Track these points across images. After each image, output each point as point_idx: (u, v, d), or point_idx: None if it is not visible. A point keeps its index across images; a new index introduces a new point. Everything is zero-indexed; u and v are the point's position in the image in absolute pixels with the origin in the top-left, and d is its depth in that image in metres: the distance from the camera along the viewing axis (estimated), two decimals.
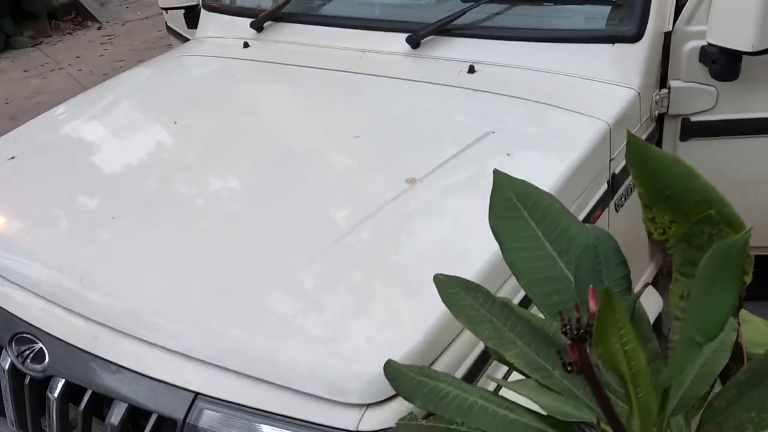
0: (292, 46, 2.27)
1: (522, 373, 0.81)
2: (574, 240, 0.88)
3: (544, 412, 0.79)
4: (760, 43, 1.65)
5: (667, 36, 1.84)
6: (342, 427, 1.10)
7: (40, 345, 1.43)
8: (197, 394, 1.22)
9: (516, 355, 0.82)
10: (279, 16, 2.33)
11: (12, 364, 1.46)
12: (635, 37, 1.79)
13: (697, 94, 1.92)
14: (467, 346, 1.21)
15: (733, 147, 1.96)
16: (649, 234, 0.77)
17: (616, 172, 1.74)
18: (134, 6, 8.55)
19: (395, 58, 2.05)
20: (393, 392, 1.10)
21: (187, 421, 1.21)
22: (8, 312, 1.49)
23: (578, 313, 0.66)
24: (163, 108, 2.05)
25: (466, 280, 0.92)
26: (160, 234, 1.48)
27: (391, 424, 1.10)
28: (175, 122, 1.92)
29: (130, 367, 1.30)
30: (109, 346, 1.34)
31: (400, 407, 1.10)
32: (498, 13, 1.94)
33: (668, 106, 1.94)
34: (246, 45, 2.34)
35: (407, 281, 1.26)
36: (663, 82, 1.91)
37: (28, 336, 1.44)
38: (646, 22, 1.78)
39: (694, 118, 1.95)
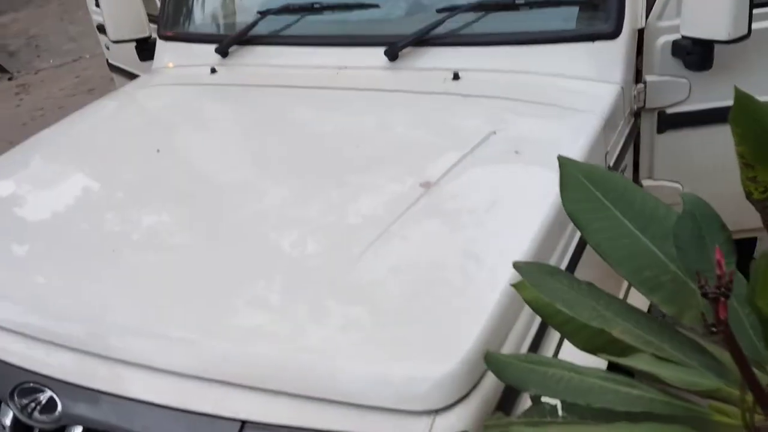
0: (262, 68, 2.22)
1: (632, 349, 0.80)
2: (655, 214, 0.89)
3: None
4: (735, 32, 1.73)
5: (641, 32, 1.91)
6: None
7: (50, 393, 1.31)
8: (244, 422, 1.15)
9: (623, 332, 0.81)
10: (245, 39, 2.28)
11: (15, 419, 1.33)
12: (614, 34, 1.84)
13: (671, 87, 1.99)
14: (520, 336, 1.19)
15: (707, 135, 2.04)
16: (749, 194, 0.78)
17: (611, 164, 1.78)
18: (46, 54, 8.28)
19: (374, 72, 2.04)
20: (461, 395, 1.08)
21: None
22: (6, 363, 1.37)
23: (720, 271, 0.65)
24: (143, 137, 1.95)
25: (545, 265, 0.91)
26: (173, 261, 1.40)
27: (463, 428, 1.06)
28: (158, 150, 1.83)
29: (163, 404, 1.21)
30: (135, 384, 1.24)
31: (469, 410, 1.07)
32: (475, 20, 1.96)
33: (645, 100, 2.00)
34: (213, 71, 2.28)
35: (451, 281, 1.24)
36: (638, 77, 1.97)
37: (34, 386, 1.32)
38: (623, 19, 1.84)
39: (669, 110, 2.03)
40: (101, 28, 3.37)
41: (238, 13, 2.50)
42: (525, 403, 1.18)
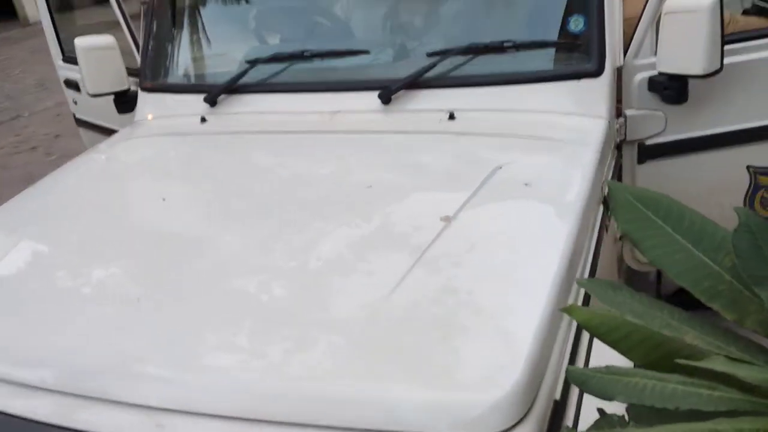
0: (254, 116, 2.25)
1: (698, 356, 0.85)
2: (704, 230, 0.96)
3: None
4: (709, 67, 1.88)
5: (619, 70, 2.04)
6: None
7: None
8: None
9: (695, 338, 0.86)
10: (234, 88, 2.31)
11: None
12: (597, 72, 1.97)
13: (649, 120, 2.13)
14: (559, 356, 1.24)
15: (684, 164, 2.17)
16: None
17: (606, 193, 1.87)
18: None
19: (369, 115, 2.10)
20: (518, 418, 1.11)
21: None
22: (32, 420, 1.32)
23: None
24: (144, 187, 1.95)
25: (607, 281, 0.96)
26: (205, 303, 1.39)
27: None
28: (164, 199, 1.82)
29: None
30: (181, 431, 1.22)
31: (533, 427, 1.11)
32: (465, 63, 2.05)
33: (625, 132, 2.13)
34: (204, 120, 2.29)
35: (491, 307, 1.27)
36: (618, 111, 2.09)
37: None
38: (605, 58, 1.96)
39: (648, 142, 2.16)
40: (69, 83, 3.35)
41: (224, 62, 2.53)
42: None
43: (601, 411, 0.98)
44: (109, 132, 3.14)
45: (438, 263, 1.40)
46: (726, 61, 1.91)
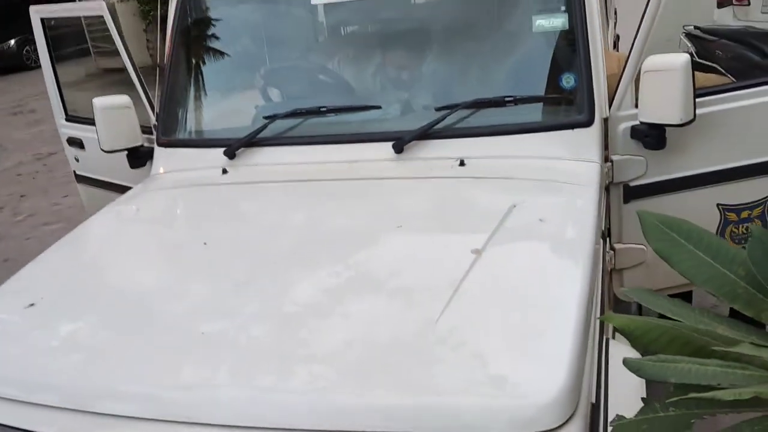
0: (273, 167, 2.43)
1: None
2: (719, 247, 1.19)
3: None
4: (684, 117, 2.15)
5: (606, 121, 2.31)
6: None
7: None
8: None
9: (725, 330, 1.08)
10: (252, 142, 2.50)
11: None
12: (588, 122, 2.23)
13: (632, 164, 2.40)
14: (592, 359, 1.43)
15: (663, 203, 2.43)
16: None
17: (603, 228, 2.11)
18: None
19: (384, 163, 2.30)
20: (570, 413, 1.29)
21: None
22: None
23: None
24: (184, 232, 2.10)
25: (647, 289, 1.17)
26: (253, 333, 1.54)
27: None
28: (205, 243, 1.98)
29: None
30: None
31: (579, 426, 1.28)
32: (471, 115, 2.29)
33: (612, 175, 2.39)
34: (225, 171, 2.46)
35: (532, 321, 1.46)
36: (606, 157, 2.36)
37: None
38: (594, 110, 2.23)
39: (632, 184, 2.43)
40: (72, 141, 3.47)
41: (239, 118, 2.71)
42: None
43: (644, 399, 1.18)
44: (112, 187, 3.29)
45: (476, 290, 1.58)
46: (698, 111, 2.19)
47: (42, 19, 3.27)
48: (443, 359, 1.39)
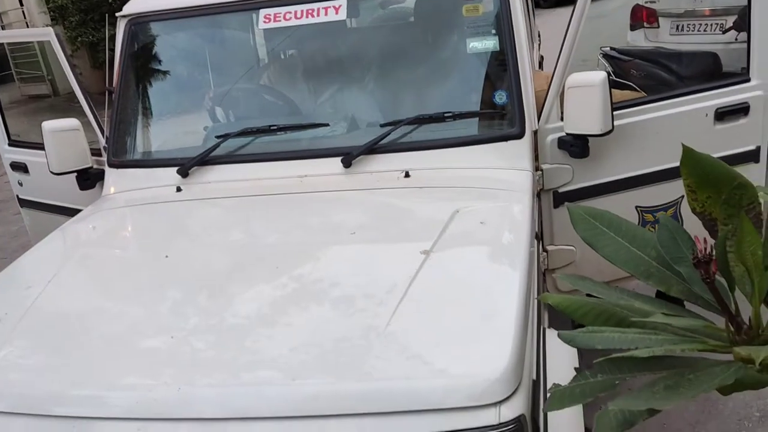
0: (226, 183, 2.54)
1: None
2: (635, 233, 1.39)
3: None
4: (604, 128, 2.40)
5: (535, 133, 2.53)
6: (487, 424, 1.41)
7: None
8: None
9: (641, 304, 1.27)
10: (206, 160, 2.60)
11: None
12: (520, 135, 2.45)
13: (560, 172, 2.63)
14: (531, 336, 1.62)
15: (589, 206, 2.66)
16: (693, 210, 1.29)
17: (537, 231, 2.32)
18: None
19: (334, 177, 2.45)
20: (514, 388, 1.46)
21: None
22: None
23: (702, 245, 1.15)
24: (147, 246, 2.18)
25: (578, 275, 1.36)
26: (235, 327, 1.67)
27: (521, 411, 1.44)
28: (167, 256, 2.07)
29: None
30: None
31: (521, 398, 1.46)
32: (413, 131, 2.47)
33: (543, 183, 2.61)
34: (179, 189, 2.56)
35: (480, 309, 1.63)
36: (537, 166, 2.58)
37: None
38: (525, 123, 2.45)
39: (560, 190, 2.65)
40: (15, 166, 3.48)
41: (189, 138, 2.81)
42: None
43: (576, 369, 1.36)
44: (58, 210, 3.32)
45: (427, 285, 1.75)
46: (616, 123, 2.44)
47: None
48: (403, 347, 1.54)
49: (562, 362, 1.81)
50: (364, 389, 1.47)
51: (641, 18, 5.96)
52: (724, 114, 2.64)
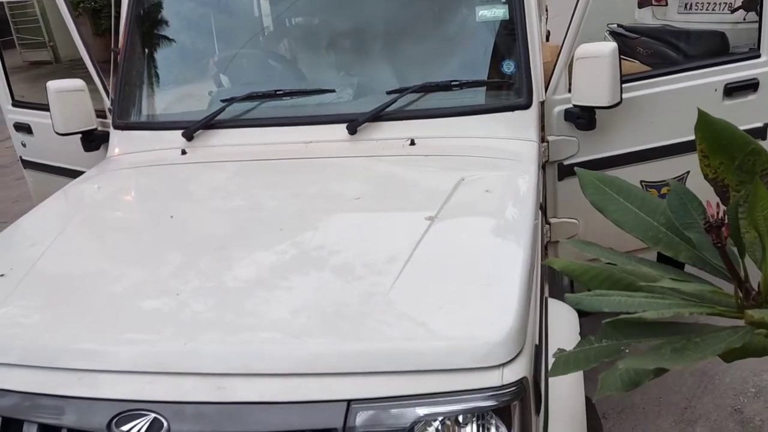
0: (231, 147, 2.53)
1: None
2: (644, 199, 1.39)
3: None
4: (612, 100, 2.38)
5: (542, 104, 2.52)
6: (490, 385, 1.42)
7: (153, 415, 1.48)
8: (350, 401, 1.43)
9: (649, 269, 1.27)
10: (210, 124, 2.59)
11: None
12: (527, 105, 2.43)
13: (565, 144, 2.62)
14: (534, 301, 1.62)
15: None
16: (705, 176, 1.29)
17: (541, 201, 2.31)
18: None
19: (339, 144, 2.44)
20: (518, 351, 1.47)
21: (347, 425, 1.42)
22: (101, 399, 1.52)
23: (713, 209, 1.15)
24: (152, 207, 2.18)
25: (583, 241, 1.36)
26: (248, 282, 1.67)
27: (524, 374, 1.45)
28: (172, 216, 2.07)
29: (273, 400, 1.45)
30: (241, 390, 1.46)
31: (524, 360, 1.47)
32: (420, 99, 2.46)
33: (548, 155, 2.60)
34: (184, 152, 2.55)
35: (485, 274, 1.63)
36: (542, 138, 2.57)
37: (137, 412, 1.48)
38: (532, 94, 2.43)
39: (565, 162, 2.65)
40: (19, 126, 3.47)
41: (196, 101, 2.80)
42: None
43: (581, 334, 1.37)
44: (61, 172, 3.31)
45: (432, 250, 1.75)
46: (624, 96, 2.42)
47: None
48: (406, 310, 1.55)
49: (563, 330, 1.82)
50: (366, 349, 1.47)
51: None
52: (733, 90, 2.63)
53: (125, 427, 1.47)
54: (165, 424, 1.47)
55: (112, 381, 1.53)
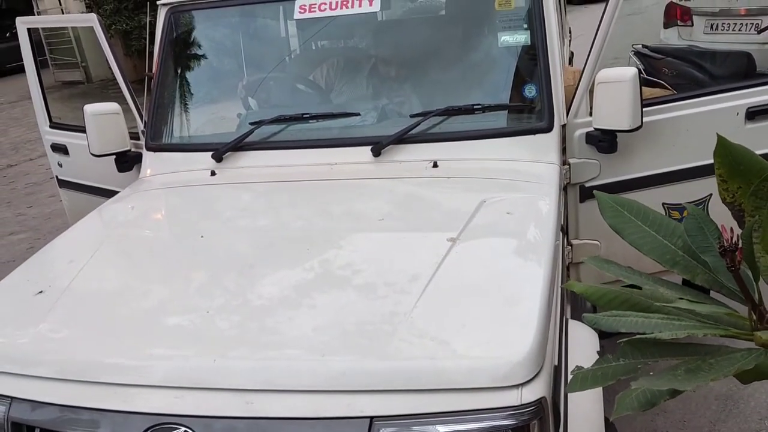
0: (259, 169, 2.61)
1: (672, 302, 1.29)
2: (661, 222, 1.42)
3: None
4: (633, 123, 2.42)
5: (563, 127, 2.56)
6: (509, 404, 1.45)
7: (184, 429, 1.53)
8: (372, 418, 1.48)
9: (666, 290, 1.30)
10: (239, 146, 2.67)
11: None
12: (548, 128, 2.47)
13: (587, 167, 2.65)
14: (554, 324, 1.66)
15: None
16: (723, 200, 1.32)
17: (563, 223, 2.35)
18: None
19: (364, 166, 2.50)
20: (536, 371, 1.50)
21: None
22: (135, 412, 1.58)
23: (728, 234, 1.18)
24: (182, 227, 2.26)
25: (604, 259, 1.40)
26: (270, 303, 1.73)
27: (542, 394, 1.48)
28: (202, 236, 2.15)
29: (299, 416, 1.50)
30: (268, 406, 1.51)
31: (543, 381, 1.50)
32: (443, 122, 2.52)
33: (570, 177, 2.64)
34: (213, 173, 2.63)
35: (506, 294, 1.67)
36: (564, 161, 2.60)
37: (168, 426, 1.54)
38: (553, 117, 2.47)
39: (587, 185, 2.68)
40: (56, 147, 3.59)
41: (224, 124, 2.89)
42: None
43: (599, 352, 1.40)
44: (96, 191, 3.42)
45: (453, 271, 1.79)
46: (645, 119, 2.46)
47: (29, 30, 3.39)
48: (428, 330, 1.59)
49: (583, 351, 1.85)
50: (389, 367, 1.51)
51: (675, 16, 5.93)
52: (755, 113, 2.64)
53: None
54: None
55: (145, 395, 1.59)
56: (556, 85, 2.51)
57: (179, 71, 2.99)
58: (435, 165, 2.44)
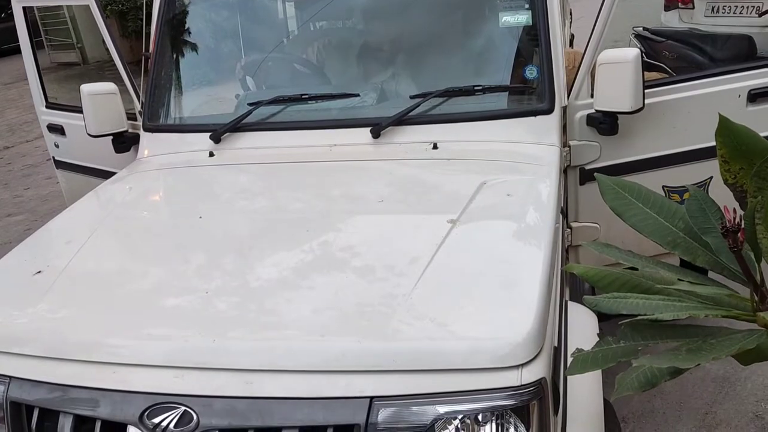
0: (258, 150, 2.59)
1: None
2: (662, 204, 1.41)
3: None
4: (634, 105, 2.40)
5: (564, 109, 2.54)
6: (509, 385, 1.45)
7: (184, 408, 1.53)
8: (371, 398, 1.48)
9: (666, 272, 1.30)
10: (237, 127, 2.65)
11: None
12: (549, 110, 2.46)
13: (587, 149, 2.64)
14: (554, 304, 1.65)
15: None
16: (725, 181, 1.31)
17: (562, 206, 2.34)
18: None
19: (363, 147, 2.49)
20: (537, 351, 1.50)
21: (369, 421, 1.46)
22: (134, 392, 1.58)
23: (731, 215, 1.17)
24: (183, 206, 2.25)
25: (604, 243, 1.39)
26: (271, 285, 1.72)
27: (542, 375, 1.48)
28: (200, 216, 2.13)
29: (298, 396, 1.50)
30: (268, 386, 1.51)
31: (543, 361, 1.50)
32: (443, 103, 2.49)
33: (570, 159, 2.63)
34: (211, 154, 2.61)
35: (506, 274, 1.67)
36: (564, 142, 2.59)
37: (168, 405, 1.54)
38: (554, 99, 2.46)
39: (587, 167, 2.67)
40: (52, 127, 3.56)
41: (223, 105, 2.86)
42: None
43: (599, 335, 1.40)
44: (92, 172, 3.40)
45: (454, 253, 1.79)
46: (646, 101, 2.44)
47: (24, 8, 3.35)
48: (427, 311, 1.58)
49: (583, 332, 1.85)
50: (389, 348, 1.51)
51: None
52: (756, 95, 2.63)
53: (157, 419, 1.53)
54: (195, 417, 1.52)
55: (144, 374, 1.58)
56: (558, 67, 2.49)
57: (176, 51, 2.96)
58: (435, 146, 2.42)
